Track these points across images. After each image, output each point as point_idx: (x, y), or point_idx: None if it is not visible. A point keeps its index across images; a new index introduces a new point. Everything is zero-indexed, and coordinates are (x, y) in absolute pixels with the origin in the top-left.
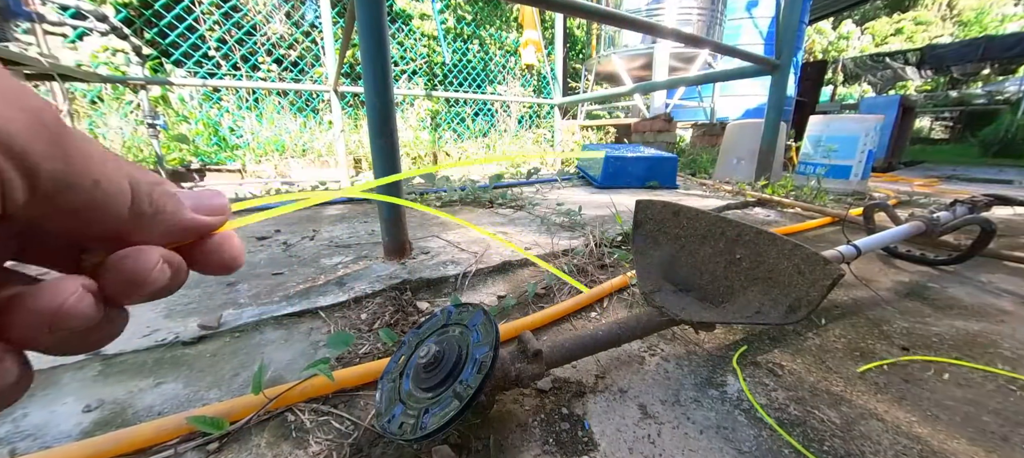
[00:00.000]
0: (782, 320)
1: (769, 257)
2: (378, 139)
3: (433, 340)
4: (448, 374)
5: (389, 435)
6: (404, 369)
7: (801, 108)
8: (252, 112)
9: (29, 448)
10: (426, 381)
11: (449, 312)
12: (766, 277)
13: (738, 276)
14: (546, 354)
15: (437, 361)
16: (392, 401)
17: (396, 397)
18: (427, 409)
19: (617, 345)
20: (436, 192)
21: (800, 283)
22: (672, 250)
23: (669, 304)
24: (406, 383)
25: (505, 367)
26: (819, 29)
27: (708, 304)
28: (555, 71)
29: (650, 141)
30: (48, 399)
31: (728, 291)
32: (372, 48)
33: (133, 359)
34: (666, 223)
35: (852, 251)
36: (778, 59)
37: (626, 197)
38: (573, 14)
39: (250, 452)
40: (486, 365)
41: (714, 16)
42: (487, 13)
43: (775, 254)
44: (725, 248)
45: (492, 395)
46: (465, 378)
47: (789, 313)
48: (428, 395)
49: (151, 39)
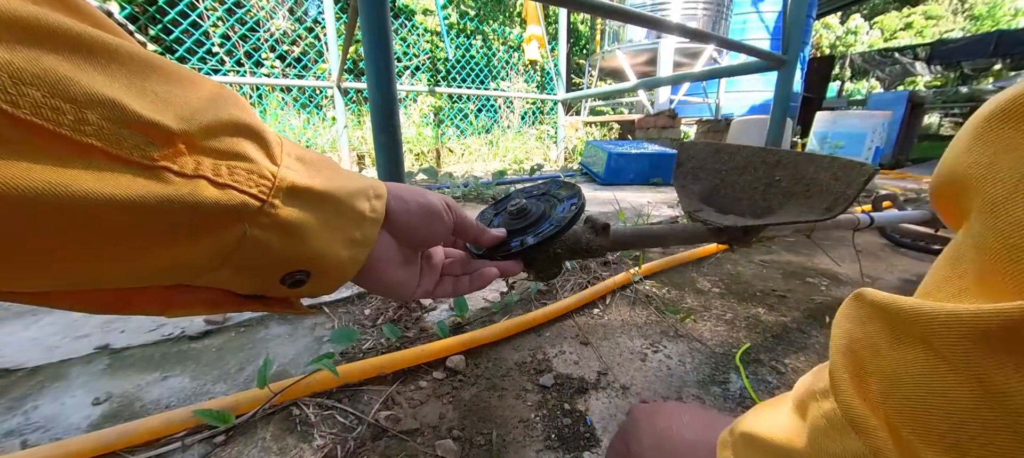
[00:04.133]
0: (820, 217)
1: (807, 173)
2: (381, 135)
3: (519, 195)
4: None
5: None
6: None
7: (808, 104)
8: (256, 108)
9: (40, 440)
10: (517, 225)
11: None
12: (804, 191)
13: (776, 196)
14: (612, 232)
15: (525, 211)
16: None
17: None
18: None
19: (665, 245)
20: (439, 188)
21: (836, 187)
22: (713, 183)
23: (713, 219)
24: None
25: (578, 236)
26: (827, 23)
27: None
28: (559, 67)
29: (654, 137)
30: (58, 392)
31: (767, 209)
32: (375, 44)
33: (140, 353)
34: (707, 160)
35: (866, 219)
36: (785, 54)
37: (629, 193)
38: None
39: (256, 445)
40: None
41: (720, 11)
42: (490, 8)
43: (813, 169)
44: (764, 174)
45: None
46: (560, 210)
47: (826, 212)
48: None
49: (155, 35)
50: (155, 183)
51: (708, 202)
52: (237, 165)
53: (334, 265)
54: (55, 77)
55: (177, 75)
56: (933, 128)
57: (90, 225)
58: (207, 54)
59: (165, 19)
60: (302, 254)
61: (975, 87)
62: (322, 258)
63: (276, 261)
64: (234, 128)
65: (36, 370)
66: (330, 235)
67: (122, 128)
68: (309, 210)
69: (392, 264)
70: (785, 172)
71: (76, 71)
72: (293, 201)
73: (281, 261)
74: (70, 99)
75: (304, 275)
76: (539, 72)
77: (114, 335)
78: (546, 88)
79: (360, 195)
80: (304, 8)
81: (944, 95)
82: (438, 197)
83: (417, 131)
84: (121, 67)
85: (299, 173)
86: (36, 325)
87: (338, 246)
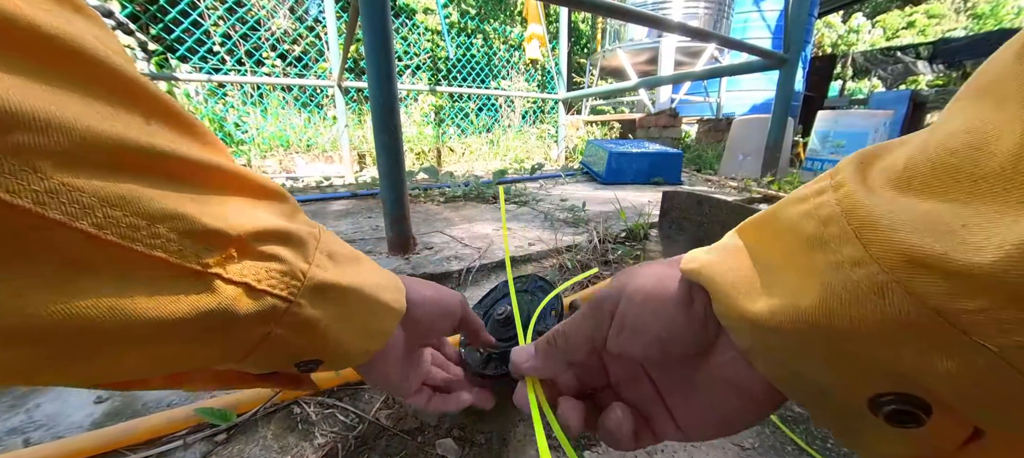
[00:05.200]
0: None
1: None
2: (382, 135)
3: (505, 302)
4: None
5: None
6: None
7: (809, 103)
8: (257, 107)
9: (42, 438)
10: (505, 334)
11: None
12: None
13: None
14: None
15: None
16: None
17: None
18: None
19: None
20: (440, 188)
21: None
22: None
23: None
24: None
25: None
26: (828, 22)
27: None
28: (559, 66)
29: (655, 137)
30: (60, 390)
31: None
32: (376, 43)
33: None
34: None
35: None
36: (786, 53)
37: (630, 193)
38: (578, 8)
39: (257, 443)
40: (557, 312)
41: (721, 10)
42: (491, 7)
43: None
44: None
45: None
46: (544, 322)
47: None
48: (509, 344)
49: (156, 34)
50: (205, 296)
51: None
52: (273, 267)
53: (346, 354)
54: (134, 196)
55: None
56: None
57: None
58: (208, 53)
59: (166, 18)
60: (319, 346)
61: None
62: (336, 348)
63: (294, 353)
64: (277, 234)
65: None
66: (349, 327)
67: (185, 238)
68: (332, 305)
69: (397, 358)
70: None
71: (151, 188)
72: (318, 299)
73: (298, 352)
74: (146, 216)
75: (316, 364)
76: (540, 71)
77: None
78: (547, 87)
79: (385, 288)
80: (305, 7)
81: (946, 94)
82: (453, 296)
83: (418, 130)
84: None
85: (327, 270)
86: None
87: (355, 336)
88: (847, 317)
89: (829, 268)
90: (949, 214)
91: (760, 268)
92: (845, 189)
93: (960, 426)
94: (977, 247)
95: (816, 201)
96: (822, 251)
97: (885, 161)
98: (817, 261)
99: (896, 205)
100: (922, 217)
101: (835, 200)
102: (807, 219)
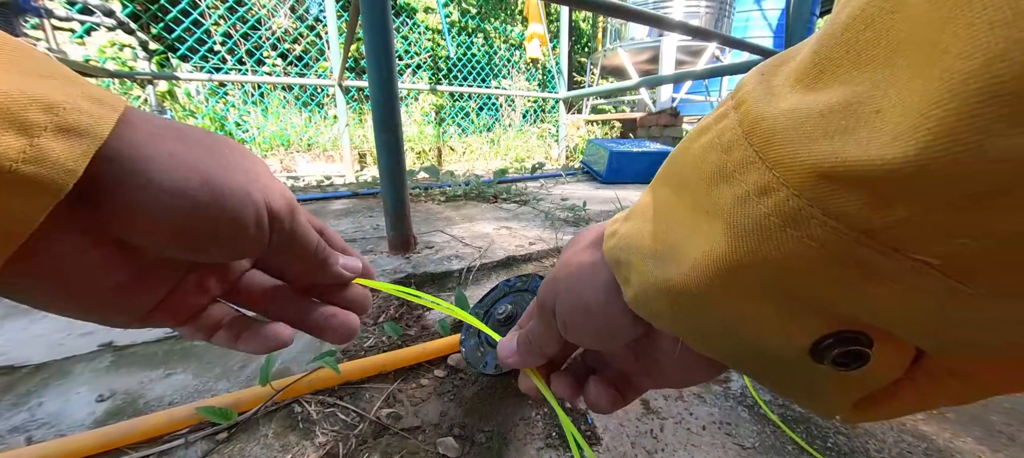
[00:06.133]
0: None
1: None
2: (383, 134)
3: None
4: None
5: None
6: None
7: None
8: (257, 107)
9: (45, 436)
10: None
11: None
12: None
13: None
14: None
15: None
16: (480, 353)
17: (482, 350)
18: None
19: None
20: (440, 187)
21: None
22: None
23: None
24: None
25: None
26: None
27: None
28: (560, 65)
29: (656, 136)
30: (62, 388)
31: None
32: (376, 42)
33: (144, 350)
34: None
35: None
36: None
37: (631, 192)
38: (579, 7)
39: (258, 442)
40: None
41: (722, 9)
42: (492, 6)
43: None
44: None
45: None
46: None
47: None
48: None
49: (157, 34)
50: None
51: None
52: None
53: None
54: None
55: None
56: None
57: None
58: (209, 52)
59: (167, 17)
60: None
61: None
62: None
63: None
64: None
65: (41, 367)
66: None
67: None
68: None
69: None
70: None
71: None
72: None
73: None
74: None
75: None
76: (540, 70)
77: (118, 332)
78: (548, 86)
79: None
80: (305, 6)
81: None
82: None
83: (419, 129)
84: None
85: None
86: (40, 322)
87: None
88: (762, 259)
89: (735, 204)
90: (862, 101)
91: (664, 222)
92: (747, 105)
93: (904, 351)
94: (893, 135)
95: (718, 127)
96: (727, 184)
97: (793, 62)
98: (722, 198)
99: (802, 106)
100: (831, 114)
101: (737, 120)
102: (709, 151)
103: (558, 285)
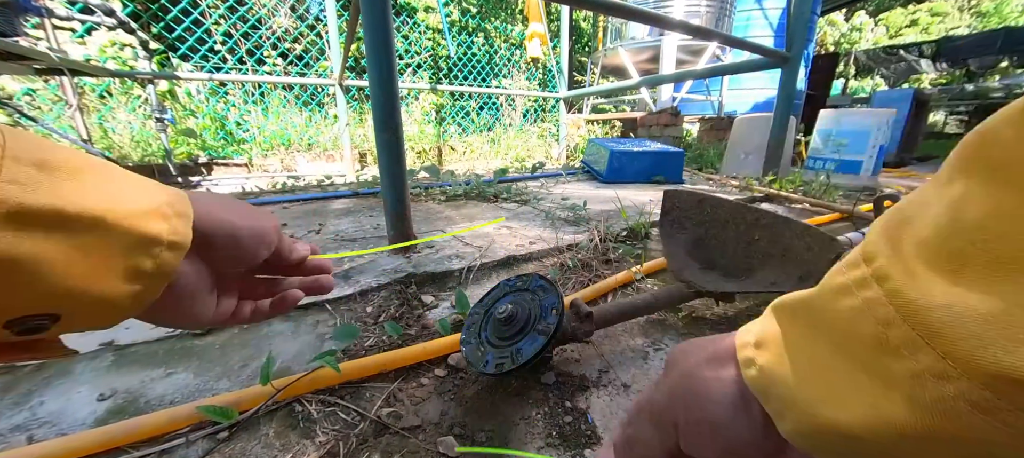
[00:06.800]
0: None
1: (784, 238)
2: (383, 133)
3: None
4: (524, 325)
5: (494, 373)
6: (480, 330)
7: (811, 102)
8: (258, 106)
9: (46, 435)
10: (506, 332)
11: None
12: (780, 255)
13: (756, 255)
14: (595, 315)
15: (513, 317)
16: (480, 353)
17: (483, 349)
18: (519, 348)
19: (651, 312)
20: (441, 186)
21: (809, 258)
22: (697, 234)
23: (696, 279)
24: (486, 337)
25: (563, 327)
26: (831, 20)
27: (730, 279)
28: (561, 64)
29: (656, 135)
30: (64, 388)
31: (747, 268)
32: (377, 42)
33: (145, 350)
34: (691, 210)
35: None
36: (788, 52)
37: (632, 192)
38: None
39: (259, 441)
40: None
41: (723, 8)
42: (492, 5)
43: (789, 235)
44: (744, 231)
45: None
46: (546, 320)
47: (800, 282)
48: (509, 342)
49: (158, 33)
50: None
51: (692, 253)
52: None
53: (99, 304)
54: None
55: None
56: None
57: None
58: (209, 52)
59: (167, 17)
60: (39, 295)
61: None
62: (75, 297)
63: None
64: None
65: (42, 366)
66: (91, 267)
67: None
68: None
69: (199, 295)
70: (764, 233)
71: None
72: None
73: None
74: None
75: (48, 319)
76: (541, 70)
77: (119, 331)
78: (548, 86)
79: (150, 214)
80: (306, 5)
81: (950, 93)
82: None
83: (419, 129)
84: None
85: (32, 189)
86: None
87: (110, 280)
88: (951, 435)
89: (910, 379)
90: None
91: (816, 367)
92: (891, 281)
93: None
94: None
95: (863, 296)
96: (895, 358)
97: (915, 227)
98: (893, 369)
99: (958, 304)
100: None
101: (884, 295)
102: (861, 318)
103: (681, 400)
